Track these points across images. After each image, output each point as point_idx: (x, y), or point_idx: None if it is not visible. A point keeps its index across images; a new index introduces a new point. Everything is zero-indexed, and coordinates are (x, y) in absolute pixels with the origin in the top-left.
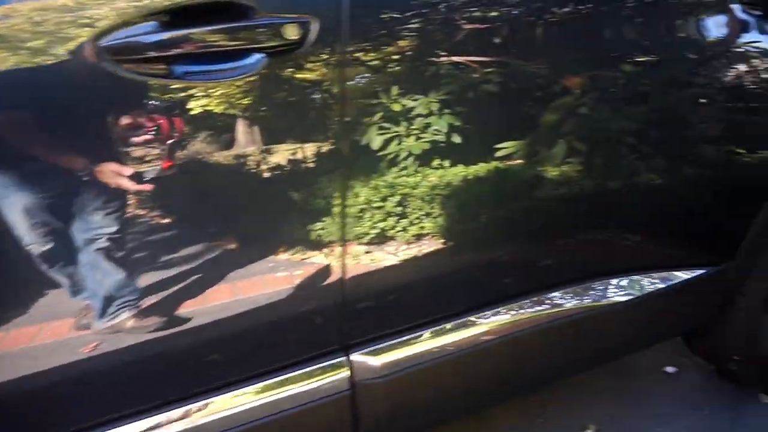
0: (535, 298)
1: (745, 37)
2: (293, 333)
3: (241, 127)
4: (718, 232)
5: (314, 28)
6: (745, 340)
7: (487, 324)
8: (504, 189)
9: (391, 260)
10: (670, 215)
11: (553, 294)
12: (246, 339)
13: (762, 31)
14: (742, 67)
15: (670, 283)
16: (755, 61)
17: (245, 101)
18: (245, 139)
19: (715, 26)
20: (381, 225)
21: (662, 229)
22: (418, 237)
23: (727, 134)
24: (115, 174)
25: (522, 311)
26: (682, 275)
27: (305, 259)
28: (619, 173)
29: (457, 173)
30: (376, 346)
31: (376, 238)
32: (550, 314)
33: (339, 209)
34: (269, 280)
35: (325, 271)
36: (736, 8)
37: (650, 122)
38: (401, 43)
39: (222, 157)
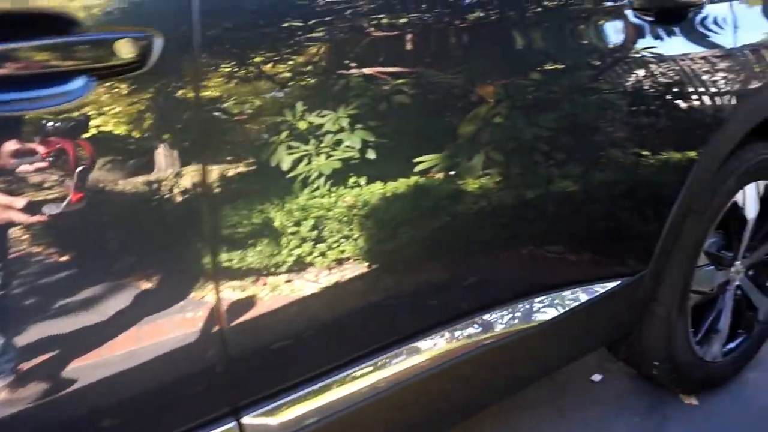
0: (459, 325)
1: (641, 43)
2: (173, 398)
3: (78, 164)
4: (633, 241)
5: (158, 44)
6: (663, 344)
7: (407, 360)
8: (425, 205)
9: (287, 299)
10: (586, 229)
11: (480, 318)
12: (122, 409)
13: (655, 36)
14: (642, 73)
15: (593, 295)
16: (653, 66)
17: (73, 134)
18: (91, 178)
19: (612, 32)
20: (267, 261)
21: (580, 243)
22: (326, 268)
23: (631, 141)
24: None
25: (447, 340)
26: (604, 287)
27: (173, 308)
28: (535, 185)
29: (375, 191)
30: (274, 404)
31: (265, 276)
32: (478, 341)
33: (207, 246)
34: (139, 335)
35: (201, 319)
36: (630, 14)
37: (559, 131)
38: (267, 56)
39: (59, 199)
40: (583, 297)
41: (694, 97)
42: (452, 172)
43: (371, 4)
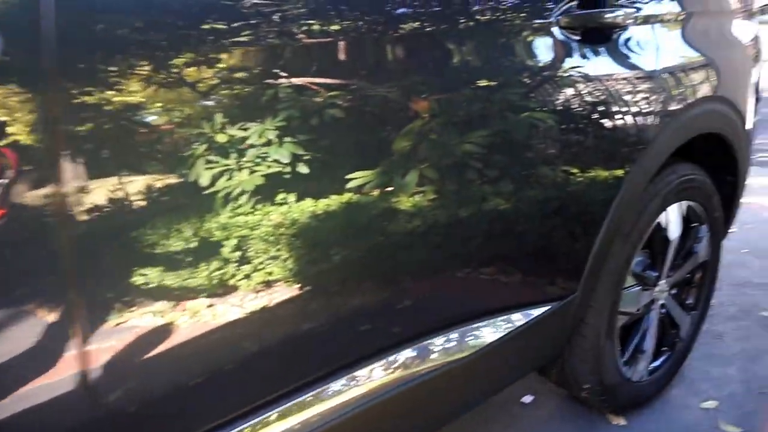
0: (393, 354)
1: (569, 61)
2: None
3: None
4: (565, 263)
5: None
6: (592, 367)
7: (330, 400)
8: (357, 224)
9: (197, 330)
10: (520, 252)
11: (413, 347)
12: None
13: (582, 55)
14: (569, 91)
15: (527, 320)
16: (580, 85)
17: None
18: None
19: (541, 50)
20: (175, 287)
21: (514, 267)
22: (251, 291)
23: (560, 160)
24: None
25: (378, 372)
26: (537, 311)
27: (30, 354)
28: (468, 204)
29: (304, 209)
30: None
31: (170, 305)
32: (411, 372)
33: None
34: None
35: (65, 367)
36: (557, 32)
37: (491, 148)
38: (163, 61)
39: None
40: (517, 322)
41: (620, 117)
42: (386, 189)
43: (299, 7)
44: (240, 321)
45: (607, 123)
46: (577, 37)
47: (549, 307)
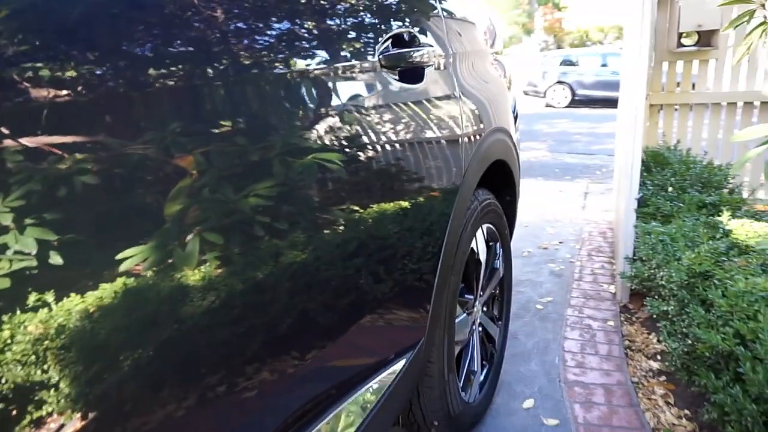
0: None
1: (389, 100)
2: None
3: None
4: (412, 308)
5: None
6: (439, 403)
7: None
8: (143, 313)
9: None
10: (369, 310)
11: None
12: None
13: (400, 94)
14: (393, 131)
15: (387, 383)
16: (402, 123)
17: None
18: None
19: (362, 90)
20: None
21: (365, 326)
22: None
23: (397, 208)
24: None
25: None
26: (395, 368)
27: None
28: (291, 267)
29: (71, 309)
30: None
31: None
32: None
33: None
34: None
35: None
36: (379, 72)
37: (325, 197)
38: None
39: None
40: (379, 389)
41: (443, 153)
42: (167, 263)
43: (16, 41)
44: None
45: (435, 161)
46: (396, 77)
47: (404, 360)
